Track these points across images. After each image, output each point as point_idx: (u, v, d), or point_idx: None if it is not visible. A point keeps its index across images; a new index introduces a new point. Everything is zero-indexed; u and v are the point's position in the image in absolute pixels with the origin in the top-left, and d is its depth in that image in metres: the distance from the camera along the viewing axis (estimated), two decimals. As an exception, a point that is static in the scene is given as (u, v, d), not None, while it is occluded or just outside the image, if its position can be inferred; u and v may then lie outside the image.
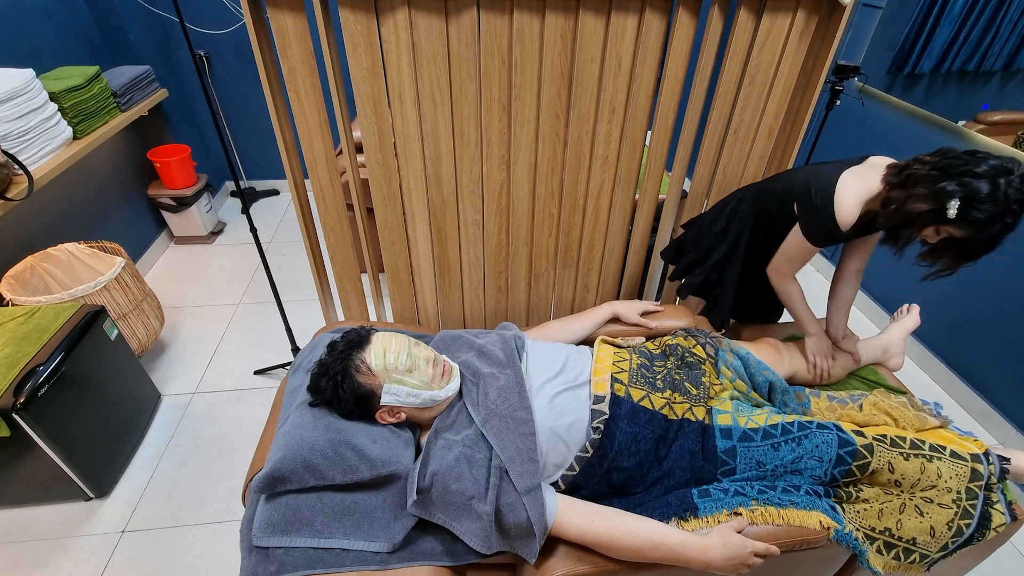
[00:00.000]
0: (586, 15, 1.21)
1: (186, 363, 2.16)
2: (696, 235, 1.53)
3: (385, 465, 0.98)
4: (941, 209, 0.98)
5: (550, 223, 1.54)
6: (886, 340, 1.48)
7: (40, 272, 1.92)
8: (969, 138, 1.97)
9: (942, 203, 0.98)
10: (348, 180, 1.43)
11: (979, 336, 2.00)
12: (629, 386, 1.13)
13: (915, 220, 1.03)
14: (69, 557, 1.51)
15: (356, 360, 1.02)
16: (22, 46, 2.02)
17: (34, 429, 1.38)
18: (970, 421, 2.03)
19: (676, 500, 1.03)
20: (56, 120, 1.91)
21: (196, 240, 2.92)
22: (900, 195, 1.05)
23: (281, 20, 1.15)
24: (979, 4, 1.95)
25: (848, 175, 1.16)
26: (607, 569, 0.96)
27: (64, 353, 1.47)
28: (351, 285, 1.61)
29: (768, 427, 1.10)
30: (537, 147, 1.39)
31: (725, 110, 1.42)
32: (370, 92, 1.24)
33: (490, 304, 1.69)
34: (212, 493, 1.68)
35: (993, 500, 1.04)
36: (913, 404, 1.20)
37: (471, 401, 1.09)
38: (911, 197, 1.03)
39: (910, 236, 1.08)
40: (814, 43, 1.35)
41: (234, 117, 3.13)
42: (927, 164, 1.03)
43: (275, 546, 0.92)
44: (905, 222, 1.05)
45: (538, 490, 0.96)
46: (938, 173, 1.00)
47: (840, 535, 1.00)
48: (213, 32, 2.81)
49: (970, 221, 0.97)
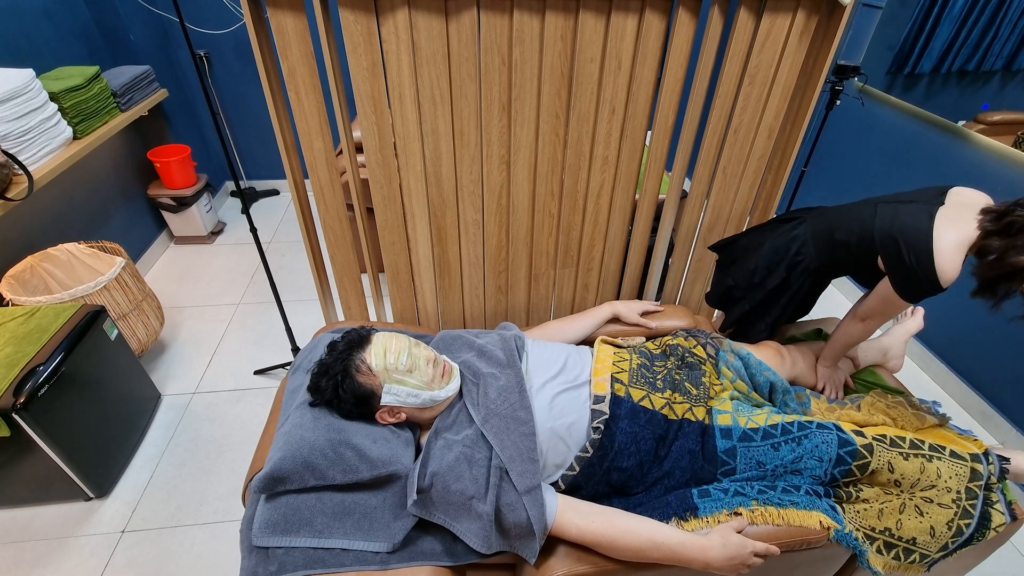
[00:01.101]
0: (586, 15, 1.21)
1: (186, 363, 2.16)
2: (747, 282, 1.37)
3: (385, 465, 0.98)
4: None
5: (550, 223, 1.54)
6: (887, 342, 1.48)
7: (40, 272, 1.92)
8: (969, 138, 1.97)
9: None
10: (348, 180, 1.43)
11: (979, 336, 2.00)
12: (629, 386, 1.13)
13: (1017, 273, 0.94)
14: (69, 557, 1.51)
15: (356, 360, 1.02)
16: (22, 46, 2.02)
17: (34, 429, 1.38)
18: (970, 421, 2.03)
19: (676, 500, 1.03)
20: (56, 120, 1.91)
21: (196, 240, 2.92)
22: (1000, 244, 0.95)
23: (281, 20, 1.15)
24: (979, 4, 1.95)
25: (943, 225, 1.01)
26: (607, 569, 0.96)
27: (64, 353, 1.47)
28: (351, 285, 1.61)
29: (768, 427, 1.10)
30: (537, 147, 1.39)
31: (725, 110, 1.42)
32: (370, 92, 1.24)
33: (490, 304, 1.69)
34: (212, 493, 1.68)
35: (993, 500, 1.04)
36: (911, 403, 1.20)
37: (471, 401, 1.09)
38: (1013, 248, 0.93)
39: (1009, 288, 0.97)
40: (814, 43, 1.35)
41: (234, 117, 3.13)
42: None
43: (275, 546, 0.92)
44: (1006, 275, 0.95)
45: (538, 490, 0.96)
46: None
47: (840, 535, 1.00)
48: (213, 32, 2.81)
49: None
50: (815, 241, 1.27)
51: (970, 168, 1.98)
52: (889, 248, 1.07)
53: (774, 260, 1.32)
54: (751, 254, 1.38)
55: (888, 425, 1.16)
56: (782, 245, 1.31)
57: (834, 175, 2.64)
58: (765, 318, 1.38)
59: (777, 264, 1.31)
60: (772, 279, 1.32)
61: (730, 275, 1.44)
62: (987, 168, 1.92)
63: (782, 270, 1.30)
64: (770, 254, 1.33)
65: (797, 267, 1.29)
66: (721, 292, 1.48)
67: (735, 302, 1.44)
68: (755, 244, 1.39)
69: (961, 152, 2.01)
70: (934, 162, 2.12)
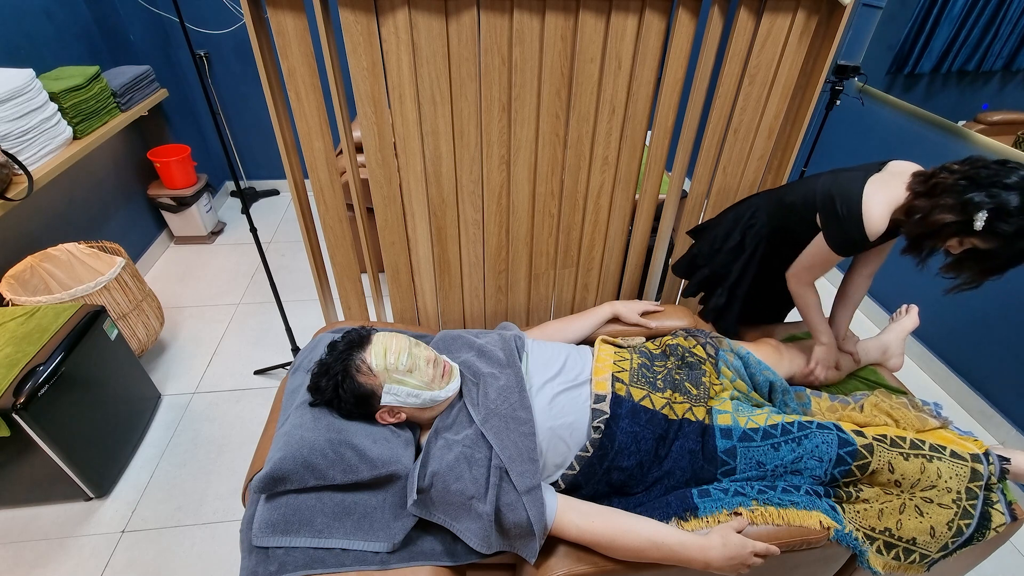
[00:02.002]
0: (586, 15, 1.21)
1: (186, 363, 2.16)
2: (709, 248, 1.48)
3: (385, 465, 0.98)
4: (968, 221, 0.95)
5: (550, 223, 1.54)
6: (885, 340, 1.48)
7: (40, 272, 1.92)
8: (969, 138, 1.97)
9: (969, 215, 0.95)
10: (348, 180, 1.43)
11: (979, 336, 2.00)
12: (630, 386, 1.13)
13: (940, 231, 1.00)
14: (69, 557, 1.51)
15: (356, 360, 1.02)
16: (22, 46, 2.02)
17: (34, 429, 1.38)
18: (970, 421, 2.03)
19: (676, 500, 1.03)
20: (56, 120, 1.91)
21: (196, 240, 2.92)
22: (925, 204, 1.01)
23: (281, 20, 1.15)
24: (979, 4, 1.95)
25: (873, 184, 1.12)
26: (607, 569, 0.96)
27: (64, 353, 1.47)
28: (351, 285, 1.61)
29: (768, 427, 1.10)
30: (537, 147, 1.39)
31: (725, 110, 1.42)
32: (370, 92, 1.24)
33: (490, 304, 1.69)
34: (212, 493, 1.68)
35: (993, 500, 1.04)
36: (914, 405, 1.20)
37: (471, 401, 1.09)
38: (937, 207, 0.99)
39: (933, 246, 1.05)
40: (814, 43, 1.35)
41: (234, 117, 3.13)
42: (955, 173, 0.99)
43: (275, 546, 0.92)
44: (929, 232, 1.02)
45: (538, 490, 0.96)
46: (966, 183, 0.97)
47: (840, 535, 1.00)
48: (213, 32, 2.81)
49: (997, 234, 0.94)
50: (767, 206, 1.38)
51: (970, 168, 1.98)
52: (826, 204, 1.17)
53: (731, 227, 1.43)
54: (715, 226, 1.49)
55: (889, 426, 1.16)
56: (740, 214, 1.43)
57: (834, 175, 2.64)
58: (724, 283, 1.45)
59: (733, 229, 1.42)
60: (729, 242, 1.42)
61: (696, 246, 1.55)
62: (987, 168, 1.92)
63: (737, 234, 1.41)
64: (729, 223, 1.44)
65: (750, 230, 1.39)
66: (687, 261, 1.58)
67: (697, 268, 1.53)
68: (719, 219, 1.51)
69: (961, 152, 2.01)
70: (934, 162, 2.11)
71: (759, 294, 1.48)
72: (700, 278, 1.51)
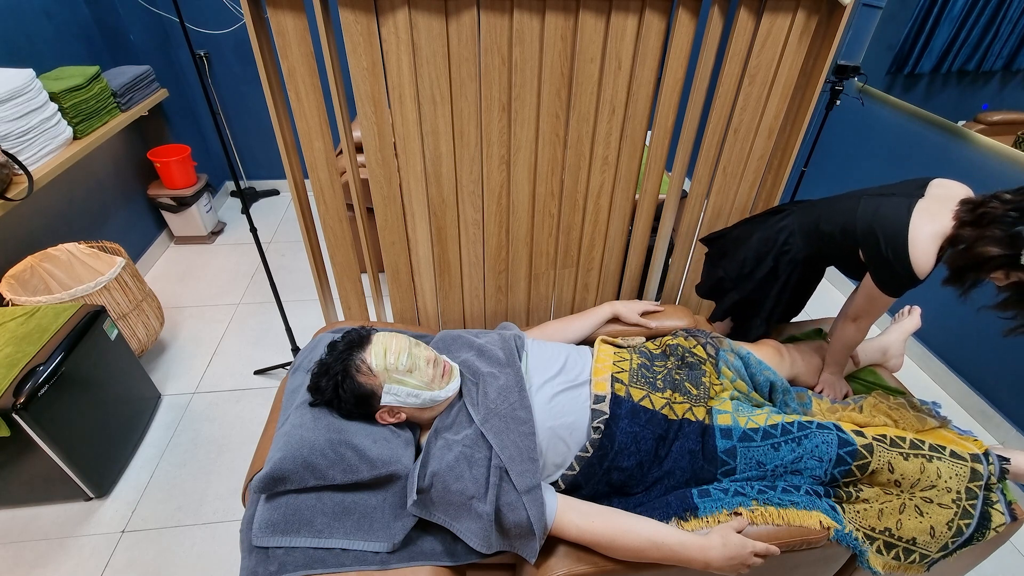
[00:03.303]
0: (586, 15, 1.21)
1: (186, 363, 2.16)
2: (737, 273, 1.40)
3: (385, 465, 0.98)
4: (1016, 255, 0.90)
5: (550, 223, 1.54)
6: (886, 341, 1.48)
7: (40, 272, 1.92)
8: (969, 138, 1.97)
9: (1017, 249, 0.89)
10: (348, 180, 1.43)
11: (979, 336, 2.00)
12: (630, 386, 1.13)
13: (984, 264, 0.95)
14: (69, 557, 1.51)
15: (356, 360, 1.02)
16: (22, 46, 2.02)
17: (34, 429, 1.38)
18: (970, 421, 2.03)
19: (676, 500, 1.03)
20: (56, 120, 1.91)
21: (196, 240, 2.92)
22: (971, 234, 0.96)
23: (281, 20, 1.15)
24: (979, 4, 1.95)
25: (919, 218, 1.03)
26: (607, 569, 0.96)
27: (64, 353, 1.47)
28: (351, 285, 1.61)
29: (768, 427, 1.10)
30: (537, 147, 1.39)
31: (725, 110, 1.42)
32: (370, 92, 1.24)
33: (490, 304, 1.69)
34: (212, 493, 1.68)
35: (993, 500, 1.04)
36: (912, 404, 1.20)
37: (471, 401, 1.09)
38: (983, 238, 0.94)
39: (977, 279, 0.99)
40: (814, 43, 1.35)
41: (234, 117, 3.13)
42: (1007, 203, 0.93)
43: (275, 546, 0.92)
44: (973, 264, 0.96)
45: (538, 490, 0.96)
46: (1017, 215, 0.91)
47: (840, 535, 1.00)
48: (213, 32, 2.81)
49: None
50: (802, 232, 1.30)
51: (970, 168, 1.98)
52: (869, 241, 1.09)
53: (762, 251, 1.35)
54: (741, 246, 1.41)
55: (889, 426, 1.16)
56: (770, 236, 1.34)
57: (834, 175, 2.64)
58: (760, 312, 1.40)
59: (765, 255, 1.34)
60: (761, 269, 1.35)
61: (720, 267, 1.47)
62: (987, 168, 1.92)
63: (770, 260, 1.33)
64: (759, 245, 1.36)
65: (784, 257, 1.32)
66: (712, 284, 1.51)
67: (725, 292, 1.47)
68: (744, 236, 1.42)
69: (961, 152, 2.01)
70: (934, 162, 2.12)
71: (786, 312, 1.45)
72: (730, 303, 1.44)
